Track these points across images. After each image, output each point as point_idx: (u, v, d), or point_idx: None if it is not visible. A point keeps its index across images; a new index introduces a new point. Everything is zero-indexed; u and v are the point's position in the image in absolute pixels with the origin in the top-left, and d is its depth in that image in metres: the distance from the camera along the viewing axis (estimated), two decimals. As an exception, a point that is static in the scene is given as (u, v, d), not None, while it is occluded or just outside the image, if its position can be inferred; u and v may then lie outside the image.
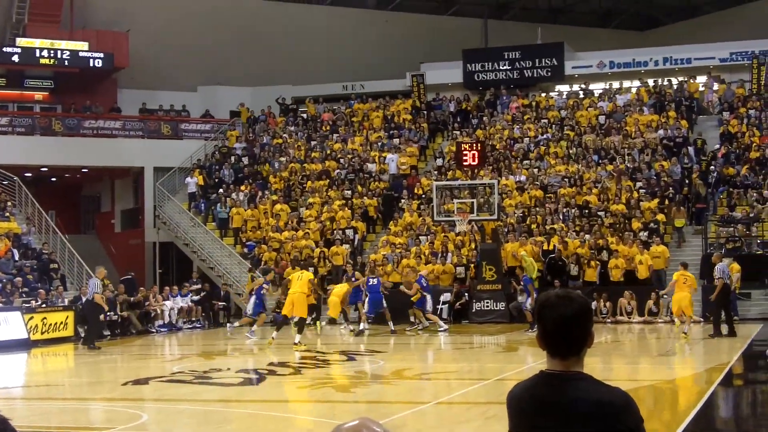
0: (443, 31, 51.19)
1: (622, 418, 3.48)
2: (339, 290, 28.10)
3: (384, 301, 28.40)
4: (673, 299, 24.87)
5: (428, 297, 28.44)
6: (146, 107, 46.03)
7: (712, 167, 35.73)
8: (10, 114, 43.20)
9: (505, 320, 30.08)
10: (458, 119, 44.23)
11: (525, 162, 38.92)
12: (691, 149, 37.55)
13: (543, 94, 45.42)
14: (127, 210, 46.82)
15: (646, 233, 32.34)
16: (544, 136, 40.73)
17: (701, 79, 43.05)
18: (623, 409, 3.50)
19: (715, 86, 42.08)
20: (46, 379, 20.76)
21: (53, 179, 46.73)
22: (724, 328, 24.24)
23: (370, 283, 28.59)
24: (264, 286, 27.60)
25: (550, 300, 3.64)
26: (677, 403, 14.51)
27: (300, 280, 24.80)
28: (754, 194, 33.90)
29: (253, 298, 27.72)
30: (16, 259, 31.89)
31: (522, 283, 28.83)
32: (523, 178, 37.59)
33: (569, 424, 3.50)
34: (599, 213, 34.29)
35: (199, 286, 34.37)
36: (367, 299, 28.42)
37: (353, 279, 29.34)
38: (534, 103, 44.14)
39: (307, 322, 26.17)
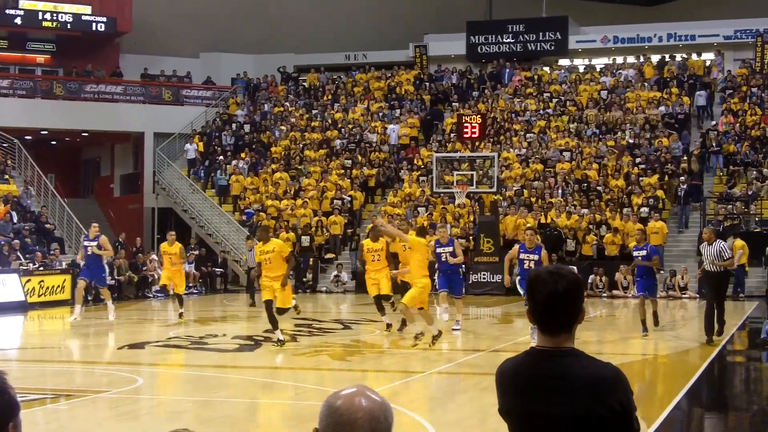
0: (447, 2, 50.86)
1: (613, 392, 3.47)
2: None
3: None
4: None
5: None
6: (148, 72, 45.94)
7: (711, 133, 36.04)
8: (11, 76, 43.08)
9: (502, 293, 30.08)
10: (460, 91, 44.10)
11: (528, 135, 38.83)
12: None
13: (546, 68, 45.28)
14: (127, 175, 46.80)
15: (646, 209, 32.34)
16: (546, 111, 40.65)
17: (706, 56, 42.92)
18: (614, 384, 3.49)
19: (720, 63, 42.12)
20: (42, 341, 20.83)
21: (53, 142, 46.65)
22: None
23: None
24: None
25: (540, 276, 3.60)
26: (670, 378, 14.54)
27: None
28: (754, 172, 33.90)
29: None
30: (15, 221, 31.90)
31: None
32: (523, 151, 37.54)
33: (560, 400, 3.49)
34: (598, 188, 34.29)
35: (196, 252, 34.39)
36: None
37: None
38: (536, 77, 44.02)
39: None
